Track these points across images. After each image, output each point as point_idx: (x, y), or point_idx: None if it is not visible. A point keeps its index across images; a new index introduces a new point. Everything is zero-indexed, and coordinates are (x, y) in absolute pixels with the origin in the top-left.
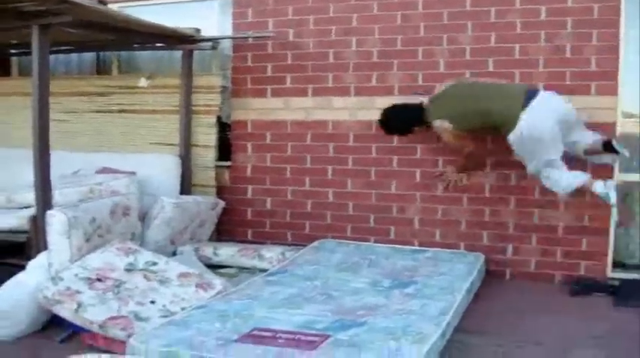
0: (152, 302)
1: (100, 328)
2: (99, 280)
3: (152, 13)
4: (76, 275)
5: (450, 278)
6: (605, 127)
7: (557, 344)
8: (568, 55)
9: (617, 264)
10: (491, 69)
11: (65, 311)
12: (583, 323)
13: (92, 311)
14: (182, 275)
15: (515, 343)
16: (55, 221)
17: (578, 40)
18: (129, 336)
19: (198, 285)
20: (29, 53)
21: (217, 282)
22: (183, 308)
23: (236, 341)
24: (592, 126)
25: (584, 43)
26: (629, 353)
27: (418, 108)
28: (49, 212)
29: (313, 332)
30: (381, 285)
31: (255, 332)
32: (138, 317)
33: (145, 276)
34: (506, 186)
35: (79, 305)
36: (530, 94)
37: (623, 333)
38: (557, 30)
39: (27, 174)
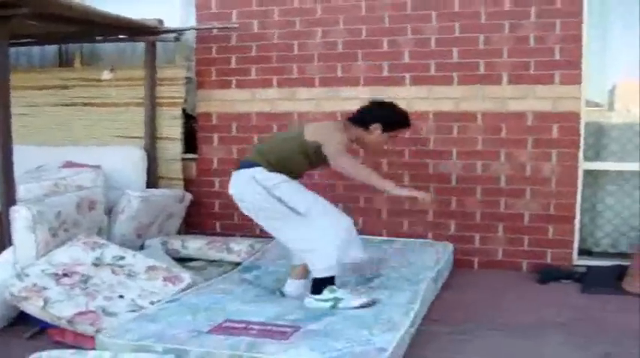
0: (120, 296)
1: (69, 323)
2: (65, 275)
3: (114, 3)
4: (43, 271)
5: (417, 267)
6: (569, 116)
7: (522, 329)
8: (532, 44)
9: (583, 252)
10: (455, 59)
11: (32, 308)
12: (549, 309)
13: (59, 307)
14: (150, 268)
15: (482, 330)
16: (20, 216)
17: (541, 30)
18: (97, 331)
19: (166, 279)
20: None
21: (185, 276)
22: (152, 302)
23: (208, 332)
24: (557, 116)
25: (547, 32)
26: (593, 336)
27: None
28: (12, 208)
29: (285, 323)
30: (349, 277)
31: (227, 324)
32: (106, 312)
33: (113, 271)
34: (472, 176)
35: (46, 301)
36: None
37: (588, 319)
38: (521, 20)
39: None
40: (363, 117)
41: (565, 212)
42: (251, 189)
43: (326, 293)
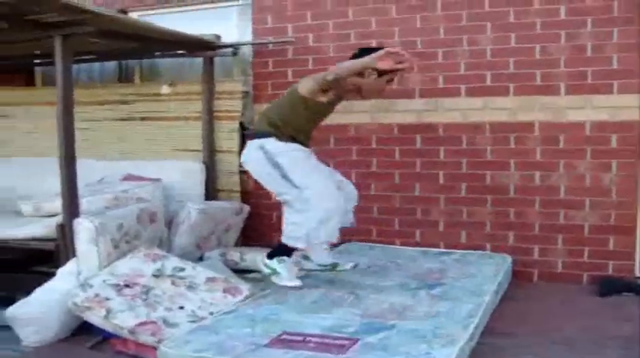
0: (181, 307)
1: (130, 333)
2: (127, 286)
3: (172, 20)
4: (104, 281)
5: (478, 280)
6: (628, 126)
7: (585, 344)
8: (589, 53)
9: None
10: (511, 69)
11: (95, 318)
12: (612, 323)
13: (121, 317)
14: (209, 280)
15: (544, 344)
16: (83, 228)
17: (598, 39)
18: (159, 342)
19: (225, 290)
20: (52, 63)
21: (244, 287)
22: (211, 313)
23: (266, 345)
24: (615, 126)
25: (604, 41)
26: None
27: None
28: (76, 220)
29: (342, 335)
30: (408, 288)
31: (284, 336)
32: (167, 323)
33: (173, 282)
34: (531, 187)
35: (109, 311)
36: None
37: None
38: (578, 29)
39: (53, 182)
40: None
41: (626, 223)
42: (255, 155)
43: (273, 262)
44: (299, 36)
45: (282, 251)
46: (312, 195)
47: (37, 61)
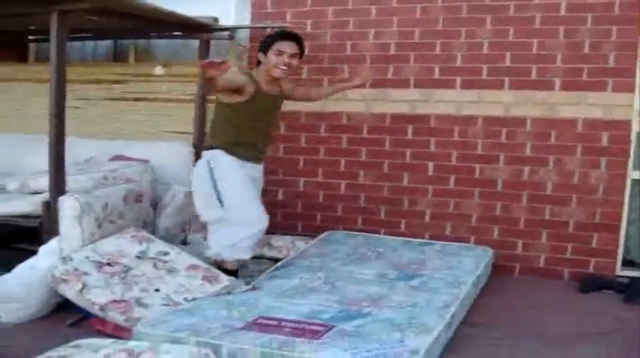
0: (157, 290)
1: (101, 310)
2: (108, 264)
3: (170, 1)
4: (87, 257)
5: (457, 271)
6: (621, 125)
7: (560, 338)
8: (586, 50)
9: (627, 262)
10: (508, 63)
11: (70, 291)
12: (589, 319)
13: (95, 293)
14: (191, 267)
15: (520, 337)
16: (67, 206)
17: (597, 36)
18: (127, 320)
19: (204, 278)
20: (47, 40)
21: (224, 277)
22: (185, 299)
23: (241, 328)
24: (608, 124)
25: (603, 39)
26: (633, 348)
27: None
28: (61, 197)
29: (318, 321)
30: (387, 277)
31: (260, 320)
32: (139, 303)
33: (155, 265)
34: (519, 182)
35: (84, 285)
36: None
37: (629, 330)
38: (577, 26)
39: (41, 160)
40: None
41: (611, 221)
42: (201, 169)
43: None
44: (297, 22)
45: (227, 272)
46: (236, 221)
47: (32, 37)
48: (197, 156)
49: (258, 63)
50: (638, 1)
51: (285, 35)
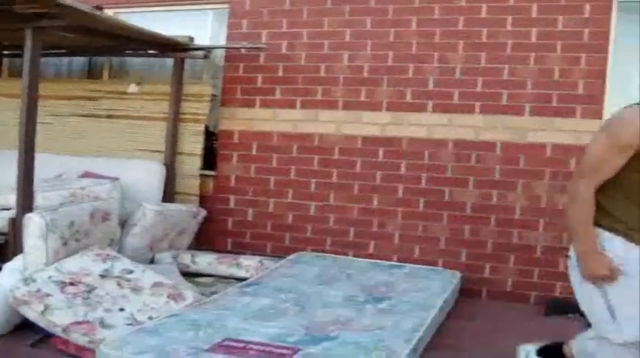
0: (121, 309)
1: (63, 332)
2: (72, 284)
3: (146, 19)
4: (50, 277)
5: (425, 294)
6: None
7: None
8: (556, 77)
9: None
10: (479, 88)
11: (31, 313)
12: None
13: (58, 315)
14: (155, 284)
15: None
16: (33, 224)
17: (566, 64)
18: (90, 342)
19: (169, 296)
20: (21, 55)
21: (189, 294)
22: (150, 318)
23: (207, 350)
24: (576, 149)
25: (572, 66)
26: None
27: None
28: (27, 215)
29: (284, 344)
30: (355, 300)
31: (226, 343)
32: (103, 324)
33: (119, 283)
34: (488, 206)
35: (46, 307)
36: None
37: None
38: (547, 53)
39: (10, 175)
40: None
41: None
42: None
43: None
44: (273, 43)
45: None
46: None
47: (6, 52)
48: (167, 174)
49: None
50: (607, 31)
51: None
